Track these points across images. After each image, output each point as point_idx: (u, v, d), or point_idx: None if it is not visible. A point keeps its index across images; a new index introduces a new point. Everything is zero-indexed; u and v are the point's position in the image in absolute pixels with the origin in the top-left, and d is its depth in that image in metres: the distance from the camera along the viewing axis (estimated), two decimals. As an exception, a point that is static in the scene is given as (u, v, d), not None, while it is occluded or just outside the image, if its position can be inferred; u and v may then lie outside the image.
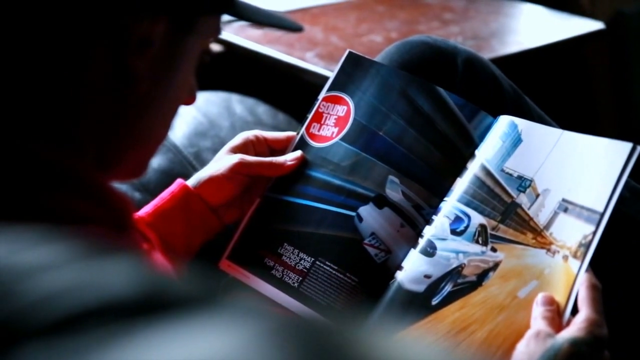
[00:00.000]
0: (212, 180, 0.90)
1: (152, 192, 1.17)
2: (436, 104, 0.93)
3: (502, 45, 1.62)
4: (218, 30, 0.67)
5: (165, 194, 0.90)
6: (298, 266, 0.89)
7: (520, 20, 1.84)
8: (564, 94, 2.05)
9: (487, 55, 1.34)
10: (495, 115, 0.92)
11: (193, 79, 0.69)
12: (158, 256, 0.76)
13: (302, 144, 0.97)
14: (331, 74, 0.99)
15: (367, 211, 0.90)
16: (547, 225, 0.82)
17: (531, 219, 0.84)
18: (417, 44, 1.00)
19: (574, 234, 0.80)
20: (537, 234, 0.82)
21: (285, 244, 0.90)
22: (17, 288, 0.29)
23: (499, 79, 1.00)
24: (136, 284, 0.30)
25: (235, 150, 0.93)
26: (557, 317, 0.75)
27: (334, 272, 0.87)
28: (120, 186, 1.16)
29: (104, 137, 0.60)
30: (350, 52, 0.99)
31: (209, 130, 1.33)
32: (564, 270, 0.79)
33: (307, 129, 0.97)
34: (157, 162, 1.22)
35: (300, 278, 0.88)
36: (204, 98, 1.43)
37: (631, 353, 0.96)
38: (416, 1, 1.85)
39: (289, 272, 0.89)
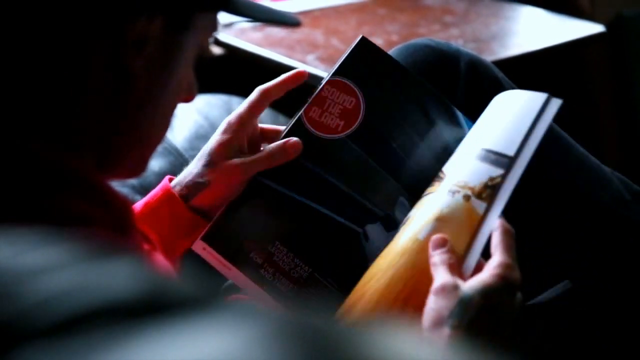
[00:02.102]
0: (213, 193, 0.85)
1: (152, 194, 1.17)
2: (450, 122, 0.88)
3: (503, 48, 1.62)
4: (215, 27, 0.66)
5: (150, 198, 0.86)
6: (293, 273, 0.82)
7: (520, 23, 1.84)
8: (564, 96, 2.05)
9: (487, 58, 1.34)
10: None
11: (192, 75, 0.68)
12: (159, 257, 0.76)
13: (298, 129, 0.87)
14: (340, 57, 0.91)
15: (375, 231, 0.85)
16: (453, 172, 0.82)
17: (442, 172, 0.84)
18: (420, 47, 1.00)
19: (478, 175, 0.79)
20: (441, 180, 0.82)
21: (277, 242, 0.83)
22: (19, 289, 0.29)
23: (502, 82, 1.00)
24: (138, 285, 0.30)
25: (227, 148, 0.85)
26: (453, 257, 0.73)
27: (334, 290, 0.82)
28: (122, 189, 1.16)
29: (104, 136, 0.60)
30: (364, 39, 0.91)
31: (209, 132, 1.33)
32: (464, 209, 0.77)
33: (307, 112, 0.88)
34: (158, 164, 1.22)
35: (295, 287, 0.82)
36: (204, 101, 1.43)
37: (632, 351, 0.96)
38: (417, 4, 1.85)
39: (281, 276, 0.83)
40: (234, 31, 1.61)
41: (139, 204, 0.86)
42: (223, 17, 0.67)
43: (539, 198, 0.98)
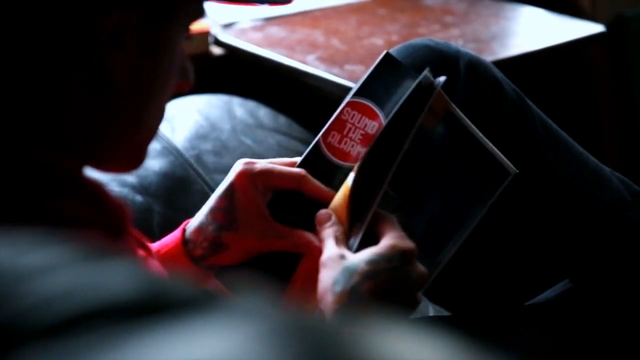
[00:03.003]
0: (226, 257, 0.82)
1: (153, 195, 1.17)
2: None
3: (503, 48, 1.62)
4: (202, 12, 0.64)
5: (168, 240, 0.84)
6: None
7: (520, 23, 1.84)
8: (564, 96, 2.05)
9: (488, 58, 1.34)
10: (498, 120, 0.93)
11: (185, 61, 0.66)
12: (154, 263, 0.75)
13: (316, 156, 0.83)
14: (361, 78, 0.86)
15: None
16: None
17: None
18: (419, 47, 0.99)
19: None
20: None
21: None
22: (18, 290, 0.29)
23: (502, 83, 1.00)
24: (136, 285, 0.30)
25: (256, 212, 0.80)
26: (339, 229, 0.74)
27: None
28: (122, 189, 1.16)
29: (93, 133, 0.59)
30: (388, 55, 0.85)
31: (209, 133, 1.33)
32: (344, 185, 0.78)
33: (325, 137, 0.83)
34: (158, 165, 1.23)
35: None
36: (204, 101, 1.43)
37: (632, 352, 0.96)
38: (417, 4, 1.85)
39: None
40: (234, 31, 1.62)
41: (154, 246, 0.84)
42: (222, 15, 0.66)
43: (539, 198, 0.98)
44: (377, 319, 0.29)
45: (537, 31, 1.77)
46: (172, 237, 0.84)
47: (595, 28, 1.75)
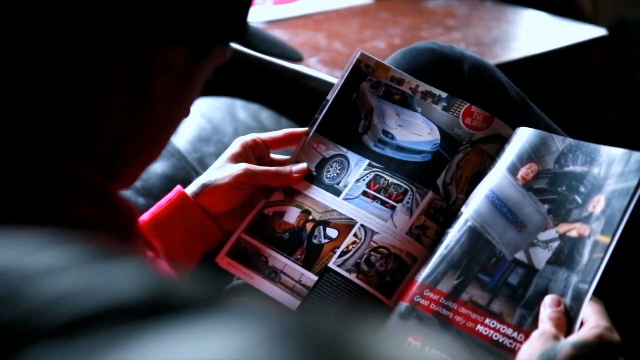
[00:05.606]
0: (217, 190, 0.88)
1: (155, 197, 1.17)
2: None
3: (505, 51, 1.62)
4: (229, 54, 0.69)
5: (164, 201, 0.89)
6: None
7: (522, 26, 1.84)
8: (566, 100, 2.05)
9: (490, 61, 1.34)
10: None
11: None
12: (163, 264, 0.76)
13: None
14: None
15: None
16: None
17: None
18: (424, 50, 0.99)
19: None
20: None
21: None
22: (26, 291, 0.29)
23: (506, 86, 1.00)
24: (143, 287, 0.30)
25: (237, 158, 0.91)
26: (563, 318, 0.75)
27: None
28: (125, 192, 1.16)
29: (115, 150, 0.62)
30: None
31: (212, 136, 1.34)
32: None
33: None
34: (161, 167, 1.23)
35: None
36: (207, 104, 1.43)
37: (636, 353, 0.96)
38: (419, 8, 1.85)
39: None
40: (236, 34, 1.61)
41: (149, 212, 0.89)
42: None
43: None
44: None
45: (539, 35, 1.77)
46: (172, 193, 0.90)
47: (597, 32, 1.75)
